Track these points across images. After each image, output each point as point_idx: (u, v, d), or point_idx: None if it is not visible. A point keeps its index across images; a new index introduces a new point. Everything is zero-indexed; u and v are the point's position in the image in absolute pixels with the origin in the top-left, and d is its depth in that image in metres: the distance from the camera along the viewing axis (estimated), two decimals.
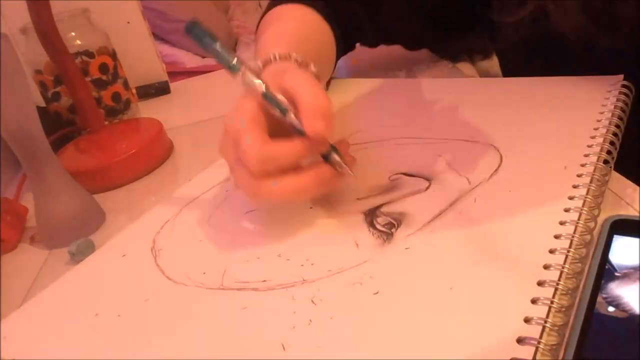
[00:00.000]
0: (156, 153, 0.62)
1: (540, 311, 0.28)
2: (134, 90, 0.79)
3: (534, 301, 0.29)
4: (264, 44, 0.50)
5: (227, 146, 0.39)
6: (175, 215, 0.46)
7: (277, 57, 0.44)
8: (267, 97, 0.37)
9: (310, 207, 0.42)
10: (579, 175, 0.37)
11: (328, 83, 0.62)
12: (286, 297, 0.34)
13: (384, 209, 0.40)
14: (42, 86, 0.69)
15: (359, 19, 0.61)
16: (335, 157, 0.39)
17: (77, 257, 0.45)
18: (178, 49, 2.21)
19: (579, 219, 0.33)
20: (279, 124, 0.38)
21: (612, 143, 0.40)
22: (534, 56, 0.55)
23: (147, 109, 0.81)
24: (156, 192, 0.57)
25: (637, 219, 0.33)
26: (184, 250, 0.42)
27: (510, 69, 0.63)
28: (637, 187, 0.37)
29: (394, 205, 0.40)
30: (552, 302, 0.28)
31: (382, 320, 0.31)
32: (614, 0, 0.46)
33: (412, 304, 0.31)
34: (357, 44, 0.66)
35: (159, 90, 0.86)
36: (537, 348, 0.26)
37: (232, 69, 0.38)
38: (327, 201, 0.43)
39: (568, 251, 0.31)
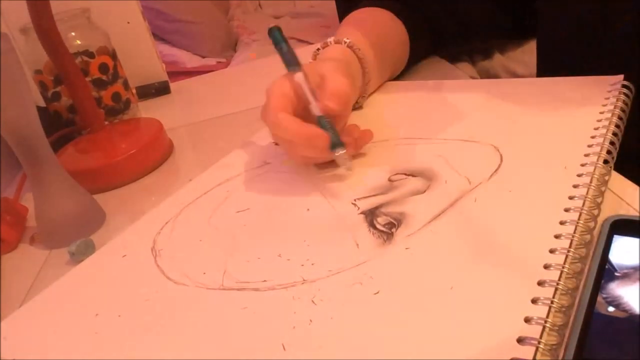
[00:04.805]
0: (156, 153, 0.62)
1: (540, 311, 0.28)
2: (134, 90, 0.79)
3: (534, 301, 0.29)
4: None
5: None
6: (175, 215, 0.46)
7: (332, 41, 0.56)
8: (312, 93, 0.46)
9: (308, 209, 0.42)
10: (579, 175, 0.37)
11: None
12: (286, 297, 0.34)
13: (384, 209, 0.40)
14: (42, 86, 0.69)
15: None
16: (339, 151, 0.44)
17: (77, 257, 0.45)
18: (178, 49, 2.22)
19: (579, 219, 0.33)
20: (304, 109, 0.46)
21: (612, 143, 0.40)
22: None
23: (147, 109, 0.81)
24: (156, 192, 0.56)
25: (637, 219, 0.33)
26: (184, 250, 0.42)
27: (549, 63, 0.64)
28: (637, 187, 0.37)
29: (394, 205, 0.40)
30: (552, 302, 0.28)
31: (382, 320, 0.31)
32: None
33: (412, 304, 0.31)
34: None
35: (159, 90, 0.86)
36: (537, 348, 0.26)
37: (289, 67, 0.48)
38: (327, 201, 0.43)
39: (568, 251, 0.31)
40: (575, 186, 0.36)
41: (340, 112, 0.46)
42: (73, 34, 0.69)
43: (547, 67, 0.60)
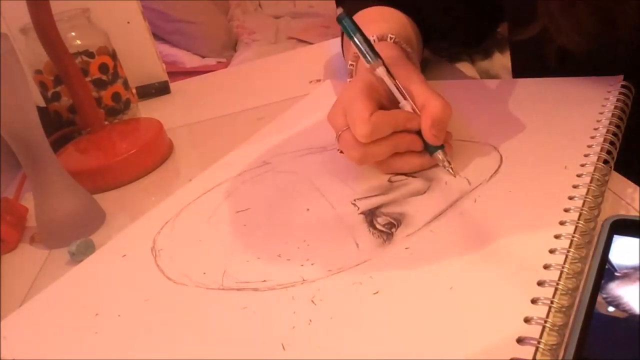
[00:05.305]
0: (156, 153, 0.62)
1: (540, 311, 0.28)
2: (134, 90, 0.79)
3: (534, 301, 0.29)
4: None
5: (336, 113, 0.43)
6: (175, 215, 0.46)
7: (376, 38, 0.50)
8: (399, 89, 0.43)
9: (308, 209, 0.42)
10: (579, 175, 0.37)
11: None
12: (286, 297, 0.34)
13: (384, 209, 0.40)
14: (42, 86, 0.69)
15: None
16: (440, 155, 0.42)
17: (77, 257, 0.45)
18: (178, 49, 2.22)
19: (579, 219, 0.33)
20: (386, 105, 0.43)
21: (612, 143, 0.40)
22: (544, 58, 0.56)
23: (147, 109, 0.81)
24: (156, 192, 0.57)
25: (637, 219, 0.33)
26: (184, 250, 0.42)
27: (521, 66, 0.63)
28: (637, 187, 0.37)
29: (394, 205, 0.40)
30: (552, 302, 0.28)
31: (382, 320, 0.31)
32: (607, 24, 0.46)
33: (412, 304, 0.31)
34: None
35: (159, 90, 0.86)
36: (537, 348, 0.26)
37: (368, 60, 0.43)
38: (327, 201, 0.43)
39: (568, 251, 0.31)
40: (575, 186, 0.36)
41: (439, 141, 0.41)
42: (73, 34, 0.69)
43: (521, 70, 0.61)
